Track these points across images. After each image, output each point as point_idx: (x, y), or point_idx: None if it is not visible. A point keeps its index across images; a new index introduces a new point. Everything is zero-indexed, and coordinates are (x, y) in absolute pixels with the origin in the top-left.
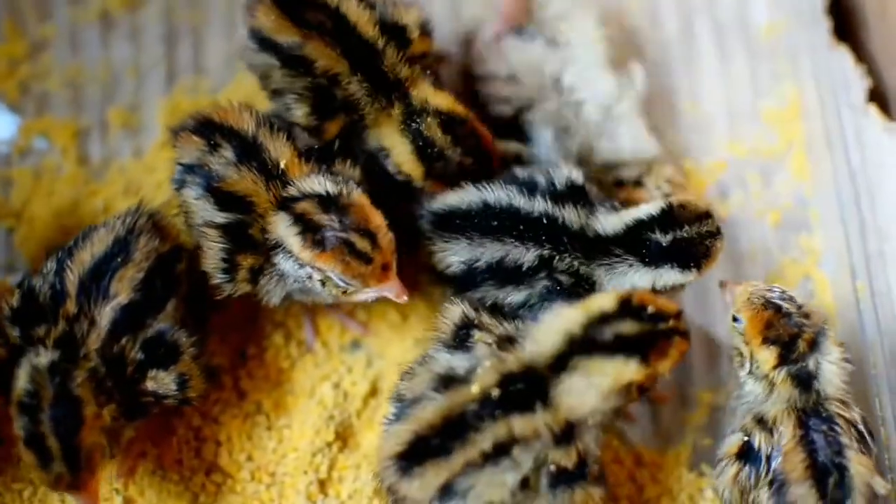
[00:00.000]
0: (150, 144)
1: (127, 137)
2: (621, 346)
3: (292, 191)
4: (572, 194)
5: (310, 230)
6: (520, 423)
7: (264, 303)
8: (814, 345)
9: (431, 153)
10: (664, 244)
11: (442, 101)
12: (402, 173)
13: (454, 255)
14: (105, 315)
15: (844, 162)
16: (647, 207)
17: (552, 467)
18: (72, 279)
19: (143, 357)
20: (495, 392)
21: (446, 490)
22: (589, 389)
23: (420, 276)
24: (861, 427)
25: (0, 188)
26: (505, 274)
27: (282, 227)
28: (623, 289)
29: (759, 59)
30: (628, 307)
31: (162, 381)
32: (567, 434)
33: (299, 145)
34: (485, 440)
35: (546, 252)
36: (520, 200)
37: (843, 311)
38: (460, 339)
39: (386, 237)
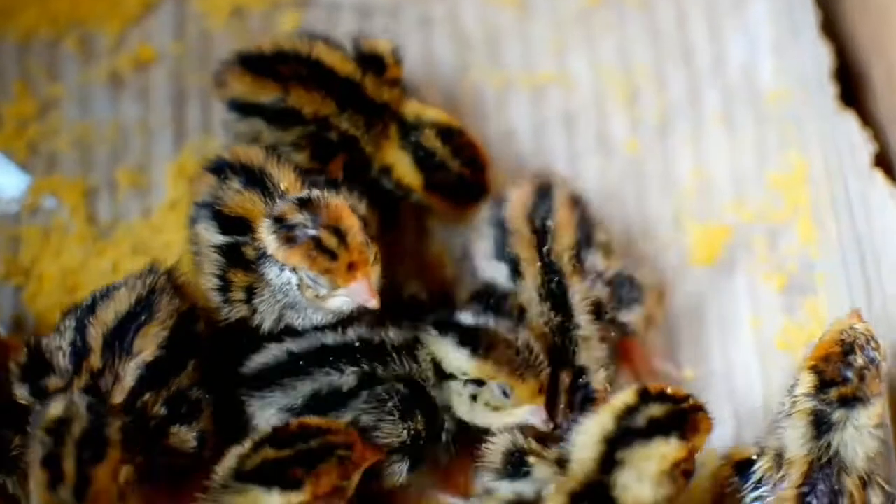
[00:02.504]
0: (158, 205)
1: (135, 197)
2: (657, 428)
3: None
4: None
5: (284, 228)
6: None
7: (259, 325)
8: (847, 403)
9: (431, 163)
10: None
11: (435, 113)
12: (402, 186)
13: (271, 406)
14: (130, 372)
15: (850, 226)
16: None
17: None
18: (95, 335)
19: (167, 413)
20: None
21: None
22: (641, 480)
23: None
24: None
25: (9, 246)
26: (324, 404)
27: (264, 231)
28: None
29: (765, 124)
30: (647, 395)
31: (184, 438)
32: None
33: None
34: None
35: (366, 368)
36: (329, 338)
37: None
38: (514, 465)
39: (356, 237)
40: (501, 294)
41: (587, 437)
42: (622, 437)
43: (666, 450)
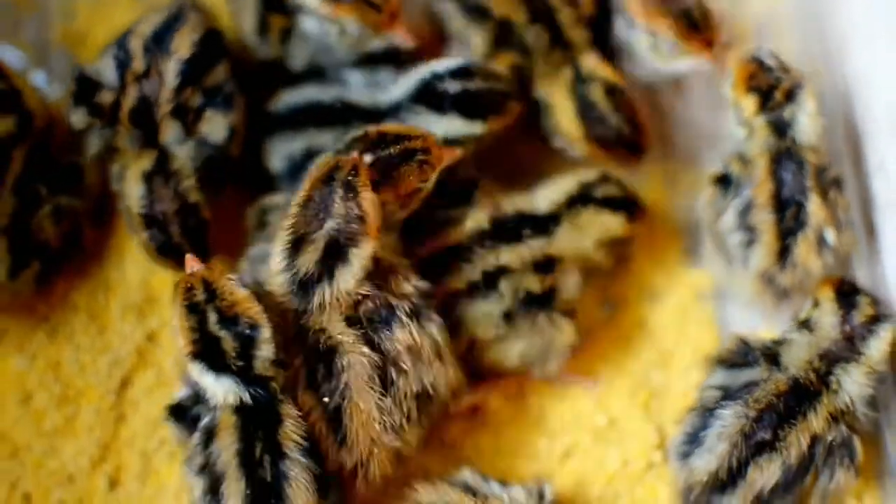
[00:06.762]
0: None
1: None
2: (610, 203)
3: None
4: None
5: None
6: (506, 254)
7: (289, 65)
8: (790, 96)
9: (592, 115)
10: (451, 92)
11: (607, 71)
12: (559, 132)
13: (278, 150)
14: (171, 69)
15: None
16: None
17: (521, 294)
18: (135, 45)
19: (203, 101)
20: (486, 225)
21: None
22: (583, 233)
23: None
24: (828, 175)
25: (63, 18)
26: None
27: None
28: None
29: None
30: (607, 176)
31: (216, 124)
32: (546, 265)
33: None
34: (474, 271)
35: (339, 132)
36: (319, 94)
37: None
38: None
39: None
40: None
41: (554, 187)
42: (581, 198)
43: (611, 222)
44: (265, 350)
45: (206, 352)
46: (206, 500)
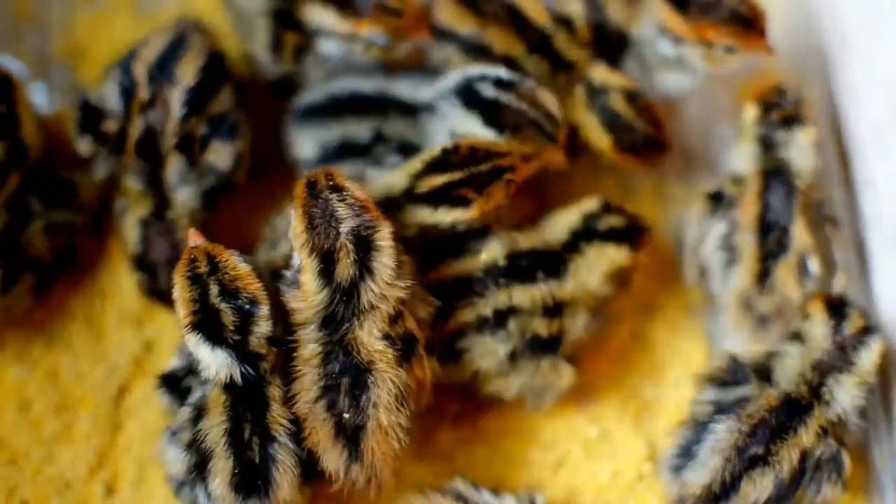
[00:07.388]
0: None
1: None
2: (613, 235)
3: None
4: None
5: (341, 2)
6: (519, 294)
7: (304, 83)
8: (788, 123)
9: (619, 125)
10: (483, 96)
11: (620, 79)
12: (588, 146)
13: (311, 139)
14: (176, 99)
15: None
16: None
17: (528, 335)
18: (140, 71)
19: (209, 131)
20: (502, 262)
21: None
22: (591, 270)
23: None
24: (825, 211)
25: (63, 31)
26: (348, 150)
27: (315, 12)
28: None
29: None
30: (609, 207)
31: (222, 153)
32: (555, 309)
33: None
34: (486, 307)
35: (376, 122)
36: (360, 84)
37: None
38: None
39: None
40: None
41: (558, 224)
42: (585, 233)
43: (616, 255)
44: (263, 326)
45: (205, 323)
46: (190, 476)
